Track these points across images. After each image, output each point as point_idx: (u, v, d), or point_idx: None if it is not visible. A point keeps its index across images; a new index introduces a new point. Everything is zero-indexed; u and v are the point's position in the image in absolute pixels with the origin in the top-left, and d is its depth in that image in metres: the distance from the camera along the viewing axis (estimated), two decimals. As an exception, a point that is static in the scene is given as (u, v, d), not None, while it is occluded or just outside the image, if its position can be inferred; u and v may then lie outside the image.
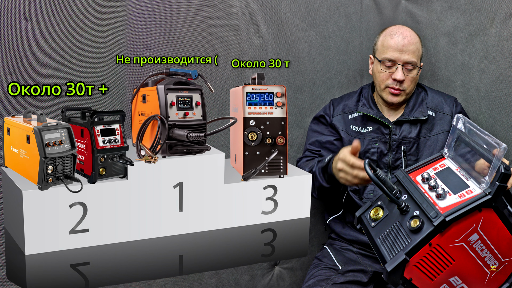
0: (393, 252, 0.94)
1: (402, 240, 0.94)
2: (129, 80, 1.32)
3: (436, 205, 0.94)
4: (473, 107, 1.47)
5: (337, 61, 1.53)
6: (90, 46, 1.27)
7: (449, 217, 0.89)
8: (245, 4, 1.41)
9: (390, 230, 0.99)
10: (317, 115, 1.53)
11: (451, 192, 0.96)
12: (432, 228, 0.90)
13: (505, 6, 1.42)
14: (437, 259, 0.93)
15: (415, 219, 0.94)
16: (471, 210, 0.91)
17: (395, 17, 1.49)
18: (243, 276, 1.51)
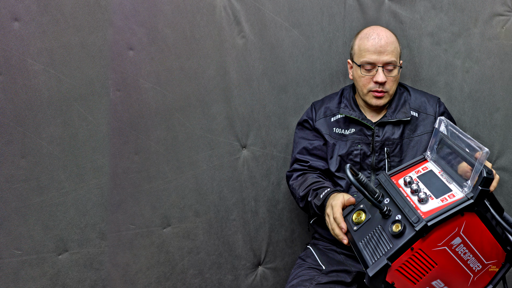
0: (375, 256, 1.07)
1: (384, 245, 1.07)
2: (112, 80, 1.52)
3: (418, 209, 1.08)
4: (456, 107, 1.70)
5: (320, 61, 1.76)
6: (79, 46, 1.43)
7: (431, 222, 1.02)
8: (228, 4, 1.62)
9: (372, 234, 1.13)
10: (300, 120, 1.72)
11: (433, 196, 1.11)
12: (414, 233, 1.02)
13: (488, 6, 1.64)
14: (419, 263, 1.06)
15: (397, 224, 1.08)
16: (454, 215, 1.04)
17: (379, 17, 1.73)
18: (227, 276, 1.74)
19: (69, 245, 1.52)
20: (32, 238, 1.44)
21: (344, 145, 1.64)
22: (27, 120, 1.42)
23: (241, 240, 1.79)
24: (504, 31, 1.66)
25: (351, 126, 1.65)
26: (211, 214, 1.73)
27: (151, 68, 1.57)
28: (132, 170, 1.58)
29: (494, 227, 1.12)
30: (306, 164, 1.67)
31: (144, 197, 1.61)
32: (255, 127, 1.76)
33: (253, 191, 1.79)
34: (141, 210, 1.61)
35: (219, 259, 1.76)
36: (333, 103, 1.71)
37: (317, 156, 1.68)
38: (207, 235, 1.73)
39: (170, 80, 1.60)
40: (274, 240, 1.86)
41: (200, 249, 1.72)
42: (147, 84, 1.56)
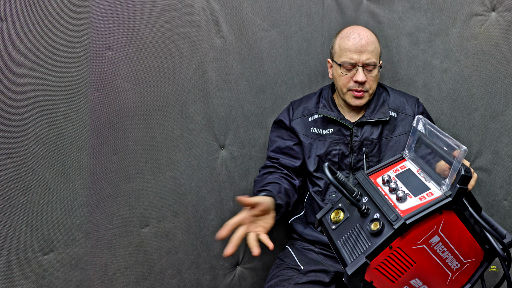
0: (354, 255, 1.09)
1: (362, 243, 1.09)
2: (91, 80, 1.53)
3: (397, 207, 1.09)
4: (435, 107, 1.74)
5: (299, 61, 1.79)
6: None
7: (409, 220, 1.04)
8: (206, 4, 1.65)
9: (351, 233, 1.14)
10: (276, 119, 1.76)
11: (412, 195, 1.13)
12: (393, 231, 1.04)
13: (466, 6, 1.67)
14: (398, 261, 1.08)
15: (375, 222, 1.09)
16: (432, 213, 1.06)
17: (357, 17, 1.75)
18: (205, 276, 1.77)
19: (55, 245, 1.52)
20: (18, 238, 1.45)
21: (322, 145, 1.67)
22: (13, 120, 1.42)
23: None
24: (483, 31, 1.69)
25: (329, 126, 1.69)
26: (190, 214, 1.74)
27: (130, 68, 1.58)
28: (111, 170, 1.59)
29: (472, 226, 1.14)
30: (276, 161, 1.72)
31: (123, 197, 1.61)
32: (233, 127, 1.78)
33: (231, 191, 1.82)
34: (119, 210, 1.61)
35: (197, 259, 1.78)
36: (311, 103, 1.75)
37: (288, 154, 1.72)
38: (186, 235, 1.75)
39: (149, 80, 1.62)
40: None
41: (178, 249, 1.74)
42: (125, 84, 1.57)
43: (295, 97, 1.82)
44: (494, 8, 1.66)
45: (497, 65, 1.68)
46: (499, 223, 1.27)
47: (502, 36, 1.65)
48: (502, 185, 1.72)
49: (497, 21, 1.66)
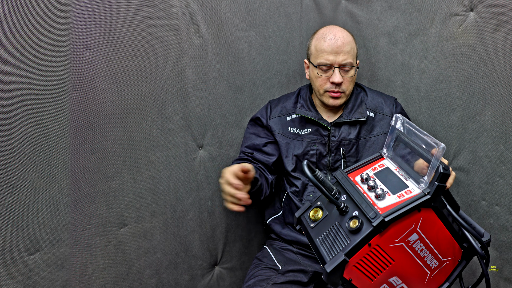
0: (333, 252, 1.12)
1: (341, 241, 1.12)
2: (69, 80, 1.51)
3: (375, 205, 1.13)
4: (413, 107, 1.80)
5: (277, 61, 1.85)
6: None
7: (388, 217, 1.07)
8: (185, 4, 1.69)
9: (330, 230, 1.17)
10: (253, 117, 1.81)
11: (390, 192, 1.16)
12: (371, 228, 1.07)
13: (445, 6, 1.71)
14: (377, 259, 1.12)
15: (354, 220, 1.13)
16: (410, 210, 1.09)
17: (335, 17, 1.81)
18: (183, 276, 1.83)
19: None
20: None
21: (299, 145, 1.71)
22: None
23: (197, 240, 1.86)
24: (461, 31, 1.72)
25: (307, 126, 1.73)
26: (168, 214, 1.79)
27: (108, 68, 1.61)
28: (89, 170, 1.61)
29: (450, 224, 1.17)
30: (251, 154, 1.75)
31: (101, 197, 1.64)
32: (211, 127, 1.84)
33: (209, 191, 1.87)
34: (97, 210, 1.64)
35: (175, 259, 1.83)
36: (290, 102, 1.79)
37: (263, 152, 1.76)
38: (164, 235, 1.79)
39: (127, 80, 1.65)
40: (230, 240, 1.95)
41: (156, 249, 1.78)
42: (103, 84, 1.60)
43: (273, 97, 1.89)
44: (472, 8, 1.69)
45: (475, 65, 1.71)
46: (478, 223, 1.31)
47: (480, 36, 1.68)
48: (481, 185, 1.77)
49: (475, 21, 1.69)
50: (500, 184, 1.71)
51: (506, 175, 1.69)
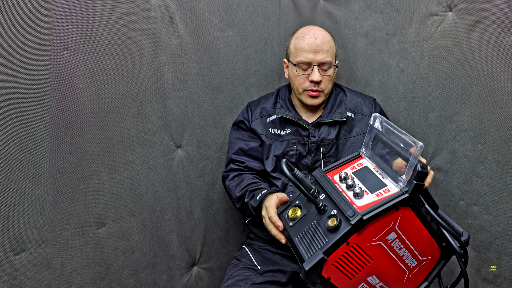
0: (311, 251, 1.13)
1: (320, 239, 1.13)
2: (51, 83, 1.58)
3: (354, 204, 1.14)
4: (391, 107, 1.86)
5: (255, 61, 1.90)
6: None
7: (366, 215, 1.08)
8: (163, 4, 1.74)
9: (308, 229, 1.19)
10: (236, 120, 1.84)
11: (369, 191, 1.18)
12: (350, 227, 1.09)
13: (423, 6, 1.77)
14: (355, 258, 1.13)
15: (332, 218, 1.14)
16: (389, 209, 1.10)
17: (314, 17, 1.86)
18: (162, 276, 1.89)
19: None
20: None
21: (280, 145, 1.75)
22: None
23: (176, 240, 1.90)
24: (439, 31, 1.77)
25: (287, 126, 1.77)
26: (146, 214, 1.85)
27: (86, 68, 1.65)
28: (67, 170, 1.66)
29: (429, 223, 1.19)
30: (242, 164, 1.78)
31: (79, 197, 1.69)
32: (190, 127, 1.89)
33: (188, 191, 1.92)
34: (76, 210, 1.69)
35: (154, 259, 1.88)
36: (269, 103, 1.82)
37: (253, 157, 1.78)
38: (142, 235, 1.85)
39: (105, 80, 1.70)
40: (209, 240, 2.00)
41: (135, 249, 1.84)
42: (82, 84, 1.65)
43: (251, 97, 1.94)
44: (450, 8, 1.73)
45: (453, 65, 1.76)
46: (456, 223, 1.32)
47: (458, 36, 1.73)
48: (459, 185, 1.82)
49: (453, 21, 1.73)
50: (479, 184, 1.76)
51: (484, 175, 1.74)
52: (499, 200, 1.72)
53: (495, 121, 1.68)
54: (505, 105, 1.64)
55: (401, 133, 1.18)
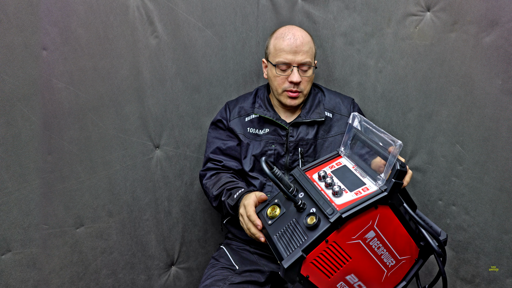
0: (290, 249, 1.16)
1: (298, 237, 1.16)
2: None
3: (333, 202, 1.17)
4: (369, 107, 1.92)
5: (233, 61, 1.95)
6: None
7: (345, 213, 1.11)
8: (141, 4, 1.78)
9: (287, 227, 1.22)
10: (214, 120, 1.89)
11: (347, 190, 1.21)
12: (329, 224, 1.12)
13: (401, 6, 1.82)
14: (334, 256, 1.16)
15: (311, 216, 1.17)
16: (368, 207, 1.14)
17: (292, 17, 1.92)
18: (140, 276, 1.94)
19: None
20: None
21: (258, 145, 1.80)
22: (-30, 121, 1.55)
23: (154, 240, 1.94)
24: (417, 31, 1.81)
25: (265, 126, 1.82)
26: (124, 214, 1.91)
27: (64, 68, 1.67)
28: (45, 170, 1.68)
29: (407, 222, 1.23)
30: (220, 163, 1.83)
31: (57, 197, 1.72)
32: (168, 127, 1.94)
33: (166, 191, 1.98)
34: (54, 210, 1.72)
35: (132, 259, 1.93)
36: (247, 103, 1.88)
37: (231, 156, 1.83)
38: (120, 235, 1.90)
39: (83, 80, 1.72)
40: (187, 240, 2.06)
41: (113, 249, 1.90)
42: (60, 84, 1.67)
43: (230, 97, 2.00)
44: (429, 8, 1.78)
45: (432, 65, 1.80)
46: (434, 223, 1.40)
47: (437, 36, 1.77)
48: (437, 185, 1.87)
49: (432, 21, 1.77)
50: (457, 184, 1.80)
51: (462, 175, 1.78)
52: (477, 200, 1.76)
53: (473, 121, 1.72)
54: (483, 105, 1.68)
55: (380, 132, 1.22)
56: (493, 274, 1.74)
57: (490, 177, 1.70)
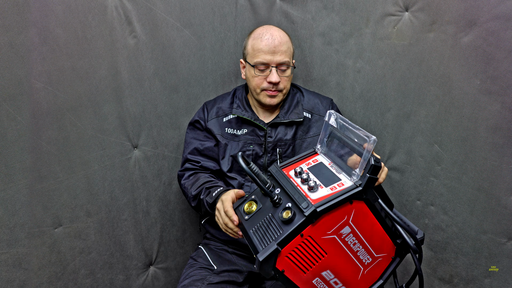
0: (265, 242, 1.21)
1: (274, 231, 1.21)
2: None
3: (308, 197, 1.22)
4: (348, 107, 1.98)
5: (212, 61, 2.02)
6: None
7: (320, 207, 1.16)
8: (120, 4, 1.83)
9: (263, 222, 1.27)
10: (192, 120, 1.94)
11: (323, 185, 1.27)
12: (304, 218, 1.16)
13: (380, 6, 1.87)
14: (309, 251, 1.20)
15: (287, 211, 1.22)
16: (342, 202, 1.19)
17: (270, 17, 1.98)
18: (118, 276, 2.01)
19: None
20: None
21: (236, 145, 1.86)
22: (-44, 121, 1.59)
23: (132, 240, 1.99)
24: (396, 31, 1.88)
25: (243, 126, 1.88)
26: (103, 214, 1.97)
27: (43, 68, 1.70)
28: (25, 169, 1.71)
29: (383, 219, 1.27)
30: (198, 164, 1.88)
31: (36, 197, 1.74)
32: (146, 127, 2.01)
33: (144, 191, 2.04)
34: (32, 210, 1.74)
35: (110, 259, 1.99)
36: (226, 103, 1.93)
37: (208, 156, 1.88)
38: (99, 235, 1.96)
39: (62, 80, 1.75)
40: (165, 240, 2.12)
41: (91, 249, 1.96)
42: (38, 84, 1.70)
43: (208, 97, 2.06)
44: (407, 8, 1.83)
45: (410, 65, 1.86)
46: (413, 223, 1.47)
47: (415, 36, 1.83)
48: (415, 185, 1.93)
49: (410, 21, 1.83)
50: (435, 184, 1.86)
51: (440, 175, 1.84)
52: (455, 200, 1.81)
53: (451, 121, 1.77)
54: (461, 105, 1.73)
55: (356, 128, 1.26)
56: (471, 274, 1.80)
57: (468, 177, 1.75)
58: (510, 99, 1.57)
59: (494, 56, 1.59)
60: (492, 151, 1.65)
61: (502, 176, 1.65)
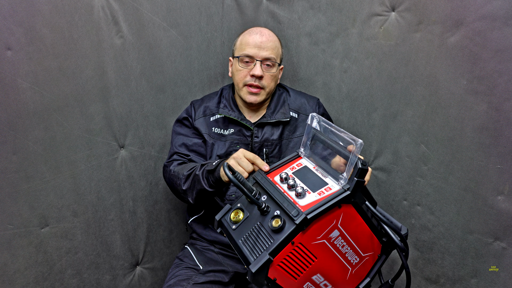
0: (256, 253, 1.22)
1: (264, 241, 1.23)
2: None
3: (297, 203, 1.24)
4: (334, 107, 2.09)
5: (198, 61, 2.12)
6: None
7: (310, 214, 1.19)
8: (106, 4, 1.91)
9: (252, 231, 1.29)
10: (179, 117, 2.01)
11: (310, 190, 1.29)
12: (294, 226, 1.18)
13: (366, 6, 1.97)
14: (300, 257, 1.23)
15: (276, 219, 1.24)
16: (332, 207, 1.22)
17: (257, 17, 2.09)
18: (105, 276, 2.11)
19: None
20: None
21: (223, 145, 1.95)
22: None
23: (119, 240, 2.11)
24: (382, 31, 1.98)
25: (230, 126, 1.96)
26: (89, 214, 2.08)
27: (29, 68, 1.77)
28: (10, 170, 1.79)
29: (369, 219, 1.33)
30: (187, 157, 1.94)
31: (22, 197, 1.83)
32: (133, 127, 2.11)
33: (131, 191, 2.16)
34: (19, 210, 1.83)
35: (97, 259, 2.10)
36: (213, 102, 2.03)
37: (197, 152, 1.95)
38: (85, 235, 2.08)
39: (48, 80, 1.83)
40: (152, 240, 2.25)
41: (78, 249, 2.06)
42: (25, 84, 1.77)
43: (194, 97, 2.19)
44: (394, 8, 1.92)
45: (396, 65, 1.95)
46: (400, 223, 1.45)
47: (401, 36, 1.92)
48: (402, 185, 2.03)
49: (396, 21, 1.92)
50: (422, 184, 1.96)
51: (427, 175, 1.94)
52: (442, 200, 1.90)
53: (438, 121, 1.85)
54: (448, 105, 1.80)
55: (340, 131, 1.31)
56: (458, 274, 1.90)
57: (455, 177, 1.83)
58: (496, 99, 1.64)
59: (481, 56, 1.66)
60: (479, 151, 1.72)
61: (488, 176, 1.72)
